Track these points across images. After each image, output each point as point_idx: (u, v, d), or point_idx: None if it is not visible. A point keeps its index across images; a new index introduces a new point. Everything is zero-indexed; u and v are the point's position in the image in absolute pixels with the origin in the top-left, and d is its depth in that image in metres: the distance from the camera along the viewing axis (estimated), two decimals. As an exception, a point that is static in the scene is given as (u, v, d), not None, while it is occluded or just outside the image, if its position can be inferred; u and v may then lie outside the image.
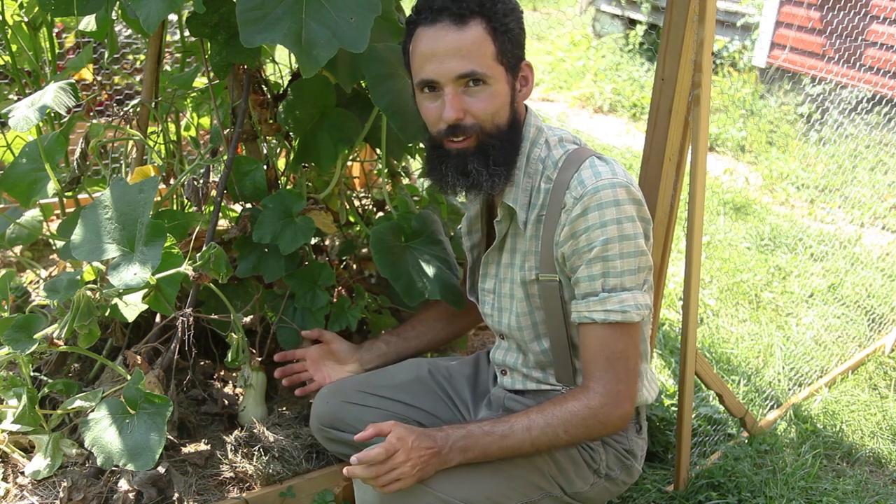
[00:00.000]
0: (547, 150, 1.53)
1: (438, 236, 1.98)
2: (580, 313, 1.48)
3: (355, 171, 2.88)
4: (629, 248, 1.44)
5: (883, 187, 4.27)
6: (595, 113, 5.90)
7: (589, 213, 1.43)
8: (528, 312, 1.58)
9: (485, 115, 1.46)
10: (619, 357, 1.47)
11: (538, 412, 1.48)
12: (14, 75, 2.26)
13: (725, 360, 2.80)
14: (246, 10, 1.48)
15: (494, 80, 1.46)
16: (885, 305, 3.17)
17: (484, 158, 1.49)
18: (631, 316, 1.45)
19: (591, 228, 1.43)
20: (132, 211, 1.62)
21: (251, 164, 1.97)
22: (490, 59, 1.44)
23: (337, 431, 1.77)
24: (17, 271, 2.45)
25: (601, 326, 1.46)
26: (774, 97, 5.57)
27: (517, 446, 1.47)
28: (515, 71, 1.50)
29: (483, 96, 1.45)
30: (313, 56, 1.49)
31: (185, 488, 1.72)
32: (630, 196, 1.45)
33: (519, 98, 1.53)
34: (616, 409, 1.48)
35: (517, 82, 1.52)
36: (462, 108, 1.45)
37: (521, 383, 1.67)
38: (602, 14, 7.27)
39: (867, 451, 2.37)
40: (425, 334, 1.92)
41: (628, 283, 1.45)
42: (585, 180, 1.45)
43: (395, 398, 1.76)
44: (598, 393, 1.47)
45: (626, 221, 1.43)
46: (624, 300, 1.44)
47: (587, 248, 1.44)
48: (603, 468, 1.61)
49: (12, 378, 1.76)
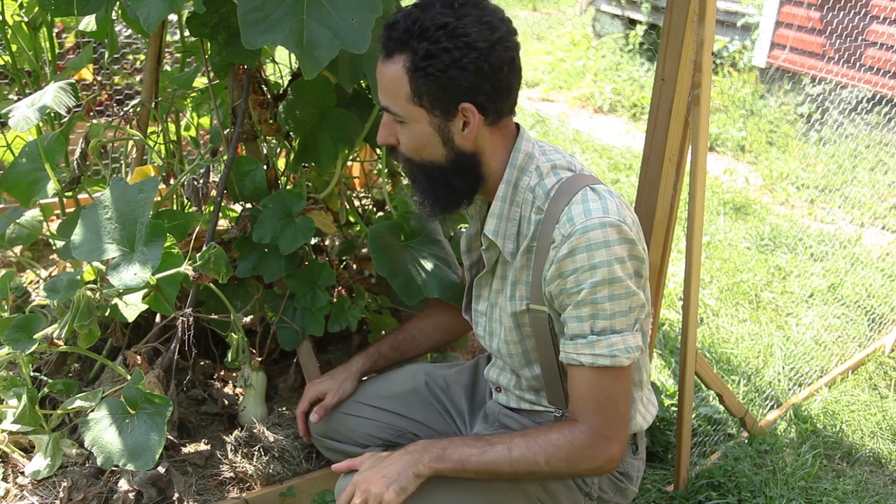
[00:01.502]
0: (538, 178, 1.46)
1: (437, 236, 1.98)
2: (568, 354, 1.42)
3: (355, 171, 2.88)
4: (619, 290, 1.37)
5: (883, 187, 4.27)
6: (595, 113, 5.90)
7: (577, 253, 1.37)
8: (518, 341, 1.55)
9: (410, 149, 1.46)
10: (608, 401, 1.41)
11: (521, 436, 1.44)
12: (14, 75, 2.26)
13: (725, 360, 2.80)
14: (247, 11, 1.48)
15: (411, 119, 1.41)
16: (885, 305, 3.17)
17: (416, 185, 1.50)
18: (620, 360, 1.39)
19: (579, 270, 1.37)
20: (132, 211, 1.62)
21: (251, 164, 1.97)
22: (403, 99, 1.39)
23: (333, 441, 1.77)
24: (17, 271, 2.45)
25: (589, 369, 1.40)
26: (774, 97, 5.57)
27: (495, 463, 1.42)
28: (447, 112, 1.39)
29: (406, 132, 1.44)
30: (314, 57, 1.49)
31: (185, 488, 1.72)
32: (621, 236, 1.37)
33: (461, 137, 1.42)
34: (603, 452, 1.42)
35: (451, 123, 1.41)
36: (392, 135, 1.46)
37: (515, 402, 1.64)
38: (602, 14, 7.27)
39: (867, 451, 2.37)
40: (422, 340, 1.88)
41: (618, 326, 1.39)
42: (575, 217, 1.38)
43: (390, 409, 1.75)
44: (586, 433, 1.41)
45: (615, 263, 1.36)
46: (613, 344, 1.38)
47: (575, 290, 1.38)
48: (595, 491, 1.56)
49: (12, 378, 1.76)
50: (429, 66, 1.34)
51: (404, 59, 1.36)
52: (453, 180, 1.46)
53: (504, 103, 1.42)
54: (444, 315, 1.90)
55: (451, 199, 1.49)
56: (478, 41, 1.34)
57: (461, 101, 1.38)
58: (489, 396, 1.74)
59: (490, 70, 1.36)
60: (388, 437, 1.75)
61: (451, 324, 1.89)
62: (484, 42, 1.34)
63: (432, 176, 1.47)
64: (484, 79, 1.36)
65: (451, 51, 1.33)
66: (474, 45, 1.33)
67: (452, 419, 1.77)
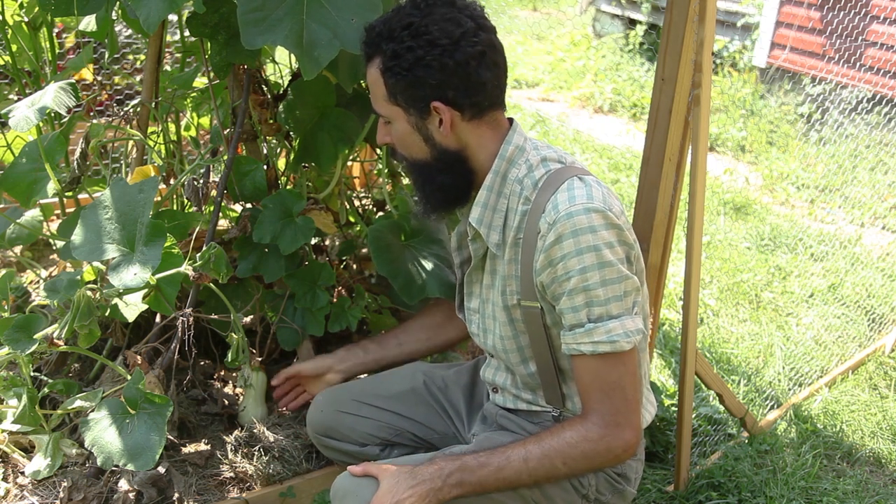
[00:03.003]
0: (527, 170, 1.46)
1: (438, 235, 1.98)
2: (568, 345, 1.42)
3: (355, 171, 2.88)
4: (610, 274, 1.37)
5: (883, 187, 4.27)
6: (595, 113, 5.90)
7: (564, 240, 1.36)
8: (513, 336, 1.54)
9: (399, 149, 1.51)
10: (615, 387, 1.40)
11: (535, 442, 1.43)
12: (14, 75, 2.26)
13: (725, 360, 2.80)
14: (247, 11, 1.48)
15: (393, 118, 1.46)
16: (885, 305, 3.17)
17: (413, 184, 1.56)
18: (621, 345, 1.38)
19: (567, 257, 1.36)
20: (132, 211, 1.62)
21: (251, 164, 1.97)
22: (382, 99, 1.45)
23: (331, 440, 1.77)
24: (17, 271, 2.45)
25: (591, 358, 1.40)
26: (774, 97, 5.57)
27: (514, 477, 1.42)
28: (422, 110, 1.43)
29: (392, 132, 1.49)
30: (314, 57, 1.49)
31: (185, 488, 1.72)
32: (607, 221, 1.37)
33: (440, 135, 1.44)
34: (617, 440, 1.42)
35: (428, 121, 1.44)
36: (387, 135, 1.51)
37: (512, 402, 1.63)
38: (602, 14, 7.27)
39: (867, 451, 2.37)
40: (407, 344, 1.90)
41: (615, 311, 1.38)
42: (559, 205, 1.38)
43: (389, 408, 1.75)
44: (597, 424, 1.41)
45: (604, 248, 1.36)
46: (611, 329, 1.38)
47: (565, 278, 1.37)
48: (592, 493, 1.55)
49: (12, 378, 1.76)
50: (395, 66, 1.39)
51: (378, 61, 1.42)
52: (439, 177, 1.48)
53: (480, 97, 1.43)
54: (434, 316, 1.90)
55: (442, 196, 1.51)
56: (440, 38, 1.36)
57: (431, 99, 1.41)
58: (486, 398, 1.74)
59: (455, 65, 1.38)
60: (387, 436, 1.75)
61: (437, 336, 1.89)
62: (446, 39, 1.36)
63: (422, 173, 1.50)
64: (450, 74, 1.38)
65: (415, 49, 1.37)
66: (436, 42, 1.36)
67: (451, 419, 1.77)
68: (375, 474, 1.44)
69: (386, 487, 1.40)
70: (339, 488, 1.50)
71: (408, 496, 1.37)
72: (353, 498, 1.44)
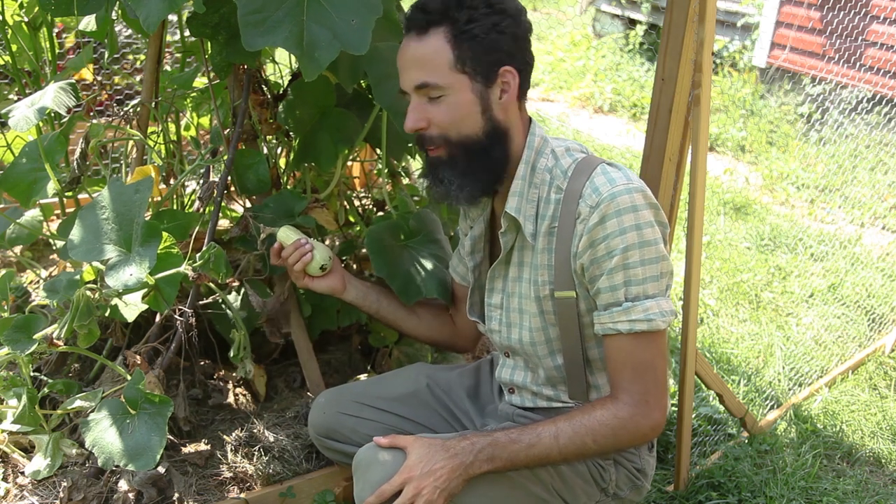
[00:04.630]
0: (554, 160, 1.50)
1: (436, 235, 1.98)
2: (604, 325, 1.44)
3: (355, 171, 2.88)
4: (650, 253, 1.40)
5: (883, 187, 4.27)
6: (595, 113, 5.90)
7: (607, 220, 1.39)
8: (542, 328, 1.55)
9: (447, 126, 1.45)
10: (647, 367, 1.43)
11: (566, 420, 1.45)
12: (14, 75, 2.26)
13: (725, 360, 2.80)
14: (247, 12, 1.47)
15: (453, 90, 1.43)
16: (885, 305, 3.17)
17: (452, 168, 1.48)
18: (657, 324, 1.41)
19: (610, 236, 1.39)
20: (128, 211, 1.62)
21: (254, 157, 1.96)
22: (446, 68, 1.42)
23: (333, 441, 1.76)
24: (17, 271, 2.45)
25: (626, 337, 1.42)
26: (774, 97, 5.57)
27: (544, 455, 1.44)
28: (488, 78, 1.44)
29: (443, 107, 1.44)
30: (315, 58, 1.48)
31: (185, 488, 1.72)
32: (647, 200, 1.41)
33: (498, 106, 1.46)
34: (646, 419, 1.44)
35: (491, 90, 1.45)
36: (423, 118, 1.46)
37: (531, 401, 1.63)
38: (602, 14, 7.27)
39: (867, 451, 2.37)
40: (408, 318, 1.84)
41: (651, 291, 1.41)
42: (600, 187, 1.41)
43: (391, 411, 1.74)
44: (627, 403, 1.43)
45: (645, 227, 1.40)
46: (648, 308, 1.40)
47: (607, 257, 1.40)
48: (612, 487, 1.57)
49: (12, 378, 1.76)
50: (473, 29, 1.41)
51: (444, 29, 1.42)
52: (492, 151, 1.49)
53: (529, 76, 1.50)
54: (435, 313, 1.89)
55: (492, 173, 1.50)
56: (510, 8, 1.44)
57: (502, 64, 1.44)
58: (497, 399, 1.74)
59: (522, 36, 1.46)
60: (390, 438, 1.75)
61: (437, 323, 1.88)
62: (515, 9, 1.45)
63: (471, 151, 1.47)
64: (518, 44, 1.46)
65: (491, 15, 1.42)
66: (508, 11, 1.44)
67: (457, 420, 1.76)
68: (403, 446, 1.44)
69: (416, 458, 1.41)
70: (364, 458, 1.49)
71: (440, 467, 1.39)
72: (379, 467, 1.44)
